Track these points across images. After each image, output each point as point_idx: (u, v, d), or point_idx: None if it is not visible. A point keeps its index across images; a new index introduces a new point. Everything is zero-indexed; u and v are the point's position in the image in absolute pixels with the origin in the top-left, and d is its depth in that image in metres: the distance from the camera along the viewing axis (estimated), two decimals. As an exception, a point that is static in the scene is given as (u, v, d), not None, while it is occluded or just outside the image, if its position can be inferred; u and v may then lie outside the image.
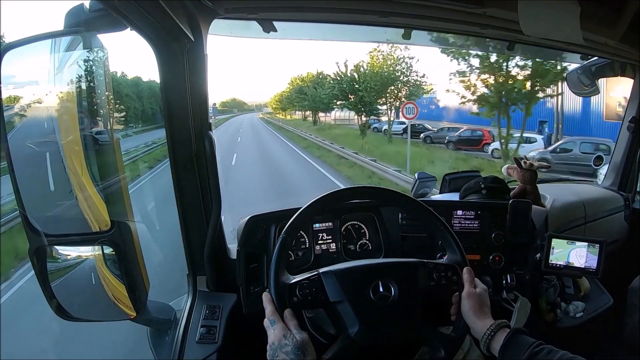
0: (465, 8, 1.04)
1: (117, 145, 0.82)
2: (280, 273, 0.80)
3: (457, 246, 0.89)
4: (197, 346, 0.99)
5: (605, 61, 1.59)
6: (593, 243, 1.18)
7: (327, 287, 0.80)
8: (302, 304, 0.80)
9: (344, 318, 0.79)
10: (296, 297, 0.79)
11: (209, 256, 1.07)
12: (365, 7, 1.09)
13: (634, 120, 1.67)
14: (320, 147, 13.78)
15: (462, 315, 0.83)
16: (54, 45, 0.76)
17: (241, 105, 70.09)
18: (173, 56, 0.94)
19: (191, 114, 0.99)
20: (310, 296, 0.79)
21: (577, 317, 1.26)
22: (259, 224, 1.18)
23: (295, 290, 0.79)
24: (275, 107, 38.40)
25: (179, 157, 1.02)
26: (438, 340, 0.81)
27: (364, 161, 10.14)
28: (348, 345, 0.77)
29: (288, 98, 28.66)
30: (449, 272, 0.86)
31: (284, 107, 32.17)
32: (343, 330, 0.79)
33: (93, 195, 0.78)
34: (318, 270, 0.82)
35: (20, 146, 0.77)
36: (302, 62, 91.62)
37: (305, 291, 0.79)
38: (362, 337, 0.77)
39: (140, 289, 0.83)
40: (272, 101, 42.31)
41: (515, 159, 1.42)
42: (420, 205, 0.93)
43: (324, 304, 0.81)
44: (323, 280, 0.81)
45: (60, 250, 0.81)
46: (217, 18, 0.99)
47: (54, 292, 0.78)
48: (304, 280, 0.80)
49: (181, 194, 1.05)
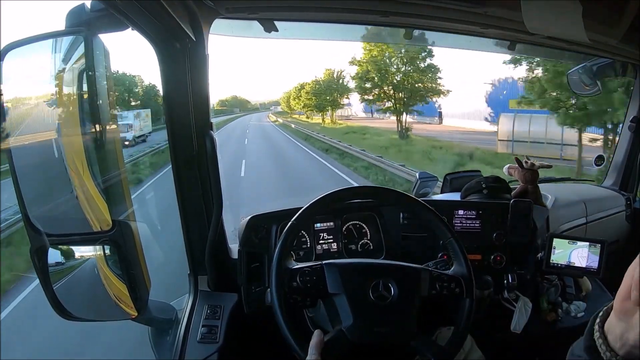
0: (466, 8, 1.04)
1: (119, 145, 0.82)
2: (284, 257, 0.81)
3: (465, 259, 0.88)
4: (199, 346, 0.99)
5: (606, 61, 1.59)
6: (594, 243, 1.18)
7: (327, 279, 0.81)
8: (301, 290, 0.81)
9: (340, 311, 0.80)
10: (296, 282, 0.80)
11: (210, 256, 1.08)
12: (367, 6, 1.09)
13: (635, 119, 1.67)
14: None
15: (457, 329, 0.83)
16: (55, 45, 0.76)
17: (244, 104, 59.84)
18: (174, 56, 0.94)
19: (192, 114, 0.99)
20: (310, 284, 0.81)
21: (578, 317, 1.25)
22: (260, 223, 1.18)
23: (296, 276, 0.81)
24: (295, 105, 28.21)
25: (181, 156, 1.02)
26: (429, 351, 0.80)
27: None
28: (338, 338, 0.77)
29: (316, 92, 21.16)
30: (452, 283, 0.86)
31: (318, 105, 21.69)
32: (337, 323, 0.80)
33: (94, 195, 0.78)
34: (322, 262, 0.83)
35: (21, 146, 0.77)
36: (310, 56, 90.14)
37: (305, 278, 0.81)
38: (354, 333, 0.77)
39: (142, 288, 0.83)
40: (287, 98, 32.04)
41: (517, 159, 1.42)
42: (434, 213, 0.92)
43: (322, 294, 0.82)
44: (325, 271, 0.82)
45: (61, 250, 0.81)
46: (218, 18, 0.99)
47: (55, 292, 0.79)
48: (307, 268, 0.82)
49: (182, 194, 1.05)
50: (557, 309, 1.27)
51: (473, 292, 0.86)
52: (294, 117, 30.86)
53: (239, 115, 45.68)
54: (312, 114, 25.03)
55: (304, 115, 27.96)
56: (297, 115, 30.78)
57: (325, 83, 21.10)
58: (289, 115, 32.96)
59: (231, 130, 21.58)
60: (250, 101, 62.32)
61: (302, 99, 23.42)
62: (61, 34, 0.77)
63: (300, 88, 24.63)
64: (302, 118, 28.39)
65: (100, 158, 0.79)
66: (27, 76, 0.80)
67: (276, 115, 37.21)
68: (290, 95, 30.15)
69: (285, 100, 34.35)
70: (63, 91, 0.78)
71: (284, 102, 35.05)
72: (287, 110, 33.94)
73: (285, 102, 33.67)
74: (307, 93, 22.50)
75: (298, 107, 26.97)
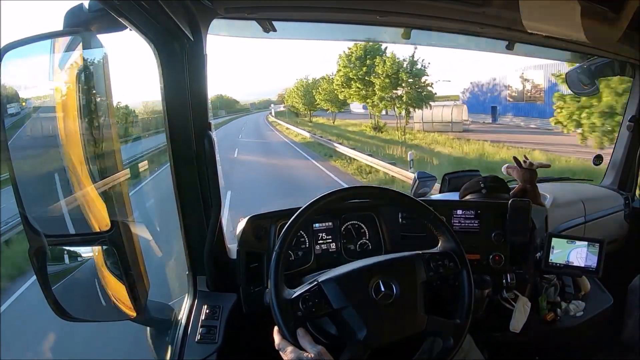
0: (464, 7, 1.05)
1: (117, 145, 0.82)
2: (280, 290, 0.78)
3: (450, 233, 0.90)
4: (197, 346, 0.99)
5: (604, 60, 1.59)
6: (593, 242, 1.18)
7: (329, 295, 0.79)
8: (307, 317, 0.78)
9: (351, 323, 0.78)
10: (300, 312, 0.77)
11: (209, 256, 1.07)
12: (365, 6, 1.09)
13: (633, 119, 1.68)
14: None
15: (463, 302, 0.84)
16: (54, 45, 0.76)
17: (231, 104, 49.95)
18: (173, 56, 0.94)
19: (191, 114, 0.99)
20: (314, 307, 0.78)
21: (577, 317, 1.25)
22: (259, 223, 1.18)
23: (298, 304, 0.78)
24: (321, 99, 20.22)
25: (179, 156, 1.02)
26: (445, 329, 0.82)
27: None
28: (359, 350, 0.76)
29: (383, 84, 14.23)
30: (445, 259, 0.87)
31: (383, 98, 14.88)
32: (351, 335, 0.78)
33: (93, 196, 0.78)
34: (317, 280, 0.82)
35: (20, 146, 0.77)
36: (307, 51, 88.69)
37: (308, 304, 0.78)
38: (371, 340, 0.77)
39: (140, 289, 0.83)
40: (297, 93, 23.33)
41: (515, 159, 1.42)
42: (410, 198, 0.94)
43: (328, 312, 0.80)
44: (324, 289, 0.80)
45: (60, 250, 0.81)
46: (216, 18, 0.99)
47: (54, 293, 0.78)
48: (305, 293, 0.79)
49: (181, 194, 1.05)
50: (556, 308, 1.27)
51: (467, 263, 0.88)
52: (314, 121, 22.94)
53: (225, 119, 33.73)
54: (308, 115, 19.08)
55: (326, 116, 20.34)
56: (320, 118, 22.40)
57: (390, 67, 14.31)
58: (300, 118, 25.18)
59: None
60: (239, 101, 53.05)
61: (351, 90, 15.74)
62: (60, 34, 0.77)
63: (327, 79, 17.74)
64: (338, 122, 19.92)
65: (99, 158, 0.79)
66: (26, 76, 0.80)
67: (282, 119, 26.42)
68: (306, 89, 21.97)
69: (293, 95, 25.04)
70: (61, 91, 0.77)
71: (292, 98, 25.61)
72: (298, 109, 25.36)
73: (295, 99, 24.60)
74: (354, 80, 15.45)
75: (327, 104, 19.24)
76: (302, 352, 0.73)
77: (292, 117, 25.61)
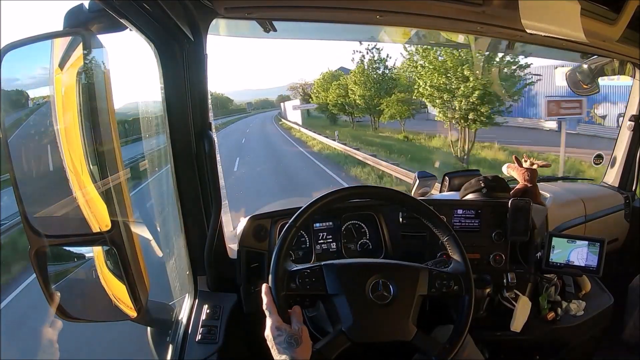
0: (464, 7, 1.05)
1: (117, 145, 0.82)
2: (283, 259, 0.81)
3: (463, 256, 0.88)
4: (198, 346, 0.99)
5: (604, 60, 1.59)
6: (593, 242, 1.18)
7: (327, 280, 0.81)
8: (300, 292, 0.81)
9: (340, 312, 0.80)
10: (294, 284, 0.80)
11: (210, 256, 1.08)
12: (365, 6, 1.09)
13: (633, 118, 1.67)
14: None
15: (457, 326, 0.83)
16: (54, 45, 0.76)
17: (224, 104, 40.83)
18: (173, 56, 0.94)
19: (191, 114, 0.99)
20: (309, 285, 0.80)
21: (577, 316, 1.25)
22: (260, 223, 1.18)
23: (295, 278, 0.80)
24: (425, 93, 9.02)
25: (179, 156, 1.02)
26: (431, 348, 0.80)
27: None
28: (339, 339, 0.78)
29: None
30: (451, 281, 0.86)
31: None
32: (337, 323, 0.80)
33: (93, 196, 0.78)
34: (320, 263, 0.83)
35: (20, 146, 0.77)
36: (307, 49, 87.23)
37: (305, 280, 0.80)
38: (354, 333, 0.78)
39: (141, 289, 0.83)
40: (358, 83, 13.87)
41: (516, 158, 1.42)
42: (430, 210, 0.92)
43: (321, 295, 0.81)
44: (324, 272, 0.82)
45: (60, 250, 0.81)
46: (216, 18, 0.99)
47: (54, 293, 0.78)
48: (305, 270, 0.82)
49: (181, 194, 1.05)
50: (556, 308, 1.27)
51: (472, 289, 0.86)
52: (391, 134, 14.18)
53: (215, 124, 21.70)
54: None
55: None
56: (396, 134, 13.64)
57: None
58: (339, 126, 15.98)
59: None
60: (234, 100, 45.38)
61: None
62: (60, 35, 0.77)
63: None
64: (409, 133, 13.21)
65: (99, 158, 0.79)
66: (25, 76, 0.80)
67: (313, 130, 15.15)
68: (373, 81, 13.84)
69: (332, 91, 16.67)
70: (61, 92, 0.77)
71: (327, 94, 17.20)
72: (340, 112, 16.75)
73: (348, 95, 15.64)
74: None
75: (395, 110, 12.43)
76: (284, 324, 0.75)
77: (320, 122, 16.75)
